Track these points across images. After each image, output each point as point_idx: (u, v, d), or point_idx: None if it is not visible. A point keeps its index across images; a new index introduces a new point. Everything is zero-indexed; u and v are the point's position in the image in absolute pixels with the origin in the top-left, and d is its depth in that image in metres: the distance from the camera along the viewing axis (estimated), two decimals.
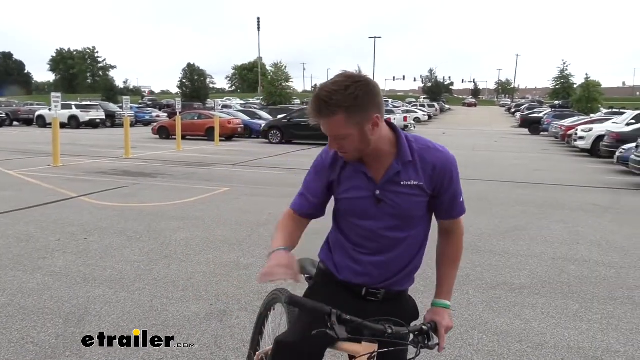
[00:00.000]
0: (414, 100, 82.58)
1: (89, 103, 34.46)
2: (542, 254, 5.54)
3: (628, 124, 17.26)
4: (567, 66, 55.70)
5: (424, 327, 1.58)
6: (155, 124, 26.22)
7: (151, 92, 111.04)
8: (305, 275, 1.98)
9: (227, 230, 6.28)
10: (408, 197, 1.61)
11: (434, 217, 1.75)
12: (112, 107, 35.57)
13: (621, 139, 14.81)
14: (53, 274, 4.57)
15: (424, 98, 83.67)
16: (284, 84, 55.04)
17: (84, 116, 30.11)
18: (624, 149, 13.36)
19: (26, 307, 3.83)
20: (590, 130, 18.69)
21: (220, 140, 20.85)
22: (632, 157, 11.37)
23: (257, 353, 2.40)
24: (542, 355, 3.27)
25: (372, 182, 1.64)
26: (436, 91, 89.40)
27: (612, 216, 7.70)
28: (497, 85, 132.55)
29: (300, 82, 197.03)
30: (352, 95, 1.44)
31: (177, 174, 11.44)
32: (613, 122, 19.27)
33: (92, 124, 30.38)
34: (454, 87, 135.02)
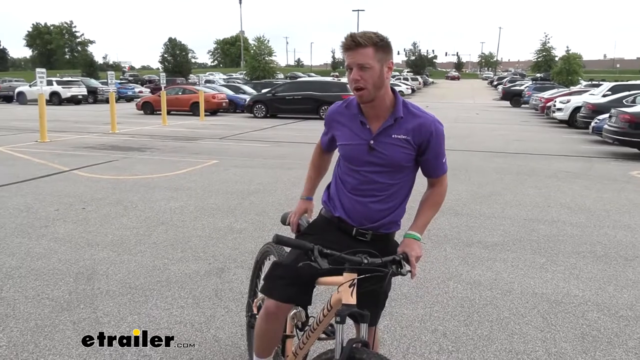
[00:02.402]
0: (397, 73, 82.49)
1: (70, 79, 33.94)
2: (515, 215, 5.95)
3: (604, 96, 17.73)
4: (549, 39, 56.35)
5: (396, 257, 1.81)
6: (139, 99, 26.06)
7: (131, 68, 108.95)
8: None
9: (219, 198, 6.58)
10: (397, 148, 1.94)
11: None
12: (94, 82, 35.14)
13: (597, 109, 15.29)
14: (57, 239, 4.84)
15: (408, 71, 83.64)
16: (267, 58, 54.58)
17: (66, 92, 29.69)
18: (598, 120, 13.85)
19: (36, 268, 4.11)
20: (568, 101, 19.18)
21: (205, 115, 20.90)
22: (606, 126, 11.83)
23: (255, 300, 2.72)
24: (509, 300, 3.67)
25: (369, 133, 1.97)
26: (419, 64, 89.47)
27: (582, 182, 8.15)
28: (480, 58, 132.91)
29: (283, 56, 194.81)
30: (379, 37, 1.86)
31: (165, 148, 11.62)
32: (590, 94, 19.76)
33: (74, 100, 30.01)
34: (438, 61, 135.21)
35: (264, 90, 23.98)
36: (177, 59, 63.33)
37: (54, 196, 6.59)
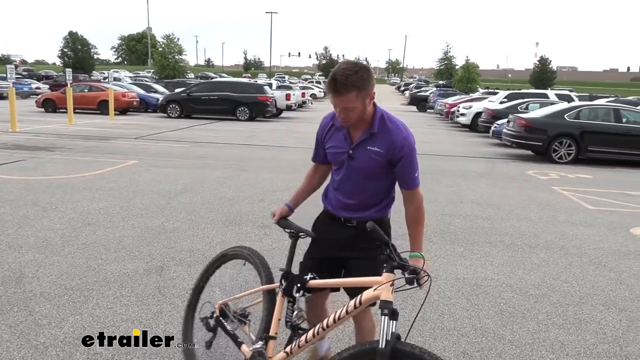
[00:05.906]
0: (309, 76, 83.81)
1: None
2: (433, 210, 6.44)
3: (501, 102, 19.41)
4: (450, 48, 60.03)
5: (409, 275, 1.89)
6: (37, 96, 24.20)
7: (23, 62, 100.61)
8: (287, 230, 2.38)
9: (145, 199, 6.42)
10: (371, 158, 2.17)
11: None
12: None
13: (495, 115, 16.73)
14: None
15: (319, 75, 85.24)
16: (177, 57, 52.89)
17: None
18: (497, 124, 15.17)
19: None
20: (470, 107, 20.71)
21: (115, 114, 19.91)
22: (504, 131, 13.01)
23: (220, 303, 2.70)
24: (437, 285, 4.03)
25: (349, 143, 2.20)
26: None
27: (488, 180, 8.95)
28: (388, 65, 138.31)
29: (193, 56, 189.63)
30: (361, 77, 1.99)
31: (76, 147, 11.00)
32: (489, 101, 21.47)
33: None
34: None
35: (177, 90, 23.33)
36: (78, 54, 59.55)
37: None
